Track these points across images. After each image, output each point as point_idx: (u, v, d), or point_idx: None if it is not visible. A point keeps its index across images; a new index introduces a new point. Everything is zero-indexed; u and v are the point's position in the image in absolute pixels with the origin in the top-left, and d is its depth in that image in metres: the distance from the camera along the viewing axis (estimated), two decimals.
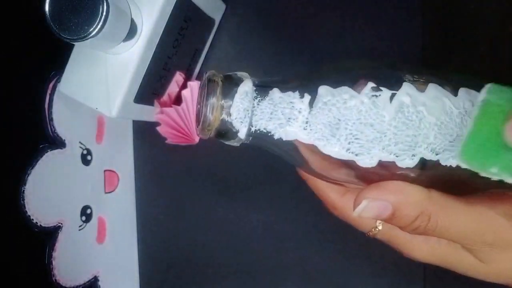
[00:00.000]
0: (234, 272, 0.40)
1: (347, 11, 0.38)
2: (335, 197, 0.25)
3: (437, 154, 0.20)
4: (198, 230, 0.41)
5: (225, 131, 0.20)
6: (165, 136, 0.39)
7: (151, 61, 0.32)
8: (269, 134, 0.21)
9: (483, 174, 0.19)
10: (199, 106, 0.21)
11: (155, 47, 0.32)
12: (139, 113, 0.35)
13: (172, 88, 0.38)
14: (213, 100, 0.20)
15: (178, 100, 0.39)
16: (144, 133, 0.42)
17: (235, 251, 0.40)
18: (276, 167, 0.38)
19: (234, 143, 0.21)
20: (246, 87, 0.20)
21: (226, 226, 0.40)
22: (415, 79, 0.21)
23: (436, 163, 0.20)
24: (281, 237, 0.39)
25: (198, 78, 0.41)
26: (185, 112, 0.38)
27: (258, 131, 0.21)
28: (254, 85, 0.20)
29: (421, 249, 0.23)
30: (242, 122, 0.20)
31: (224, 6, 0.39)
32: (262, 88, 0.20)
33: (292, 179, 0.38)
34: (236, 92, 0.20)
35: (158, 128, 0.38)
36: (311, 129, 0.20)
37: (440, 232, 0.20)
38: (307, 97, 0.20)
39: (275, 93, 0.20)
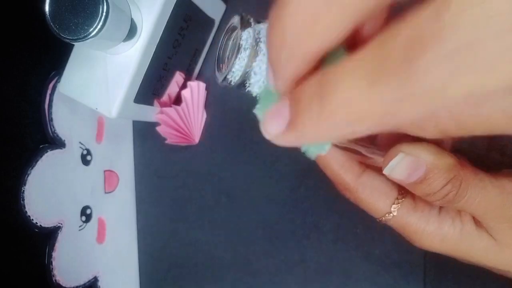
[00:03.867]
0: (234, 272, 0.40)
1: None
2: (350, 178, 0.23)
3: None
4: (198, 230, 0.41)
5: (245, 81, 0.18)
6: (165, 136, 0.39)
7: (151, 61, 0.32)
8: None
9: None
10: (220, 51, 0.19)
11: (155, 47, 0.32)
12: (139, 113, 0.35)
13: (172, 88, 0.38)
14: (248, 45, 0.17)
15: (178, 100, 0.39)
16: (144, 133, 0.42)
17: (235, 251, 0.40)
18: (276, 167, 0.38)
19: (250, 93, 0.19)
20: None
21: (226, 226, 0.40)
22: None
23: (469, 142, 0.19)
24: (281, 237, 0.39)
25: (198, 78, 0.41)
26: (185, 112, 0.38)
27: None
28: None
29: (433, 237, 0.22)
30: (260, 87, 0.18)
31: (224, 6, 0.39)
32: None
33: (292, 179, 0.38)
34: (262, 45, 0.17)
35: (158, 128, 0.38)
36: None
37: (466, 202, 0.19)
38: None
39: None
